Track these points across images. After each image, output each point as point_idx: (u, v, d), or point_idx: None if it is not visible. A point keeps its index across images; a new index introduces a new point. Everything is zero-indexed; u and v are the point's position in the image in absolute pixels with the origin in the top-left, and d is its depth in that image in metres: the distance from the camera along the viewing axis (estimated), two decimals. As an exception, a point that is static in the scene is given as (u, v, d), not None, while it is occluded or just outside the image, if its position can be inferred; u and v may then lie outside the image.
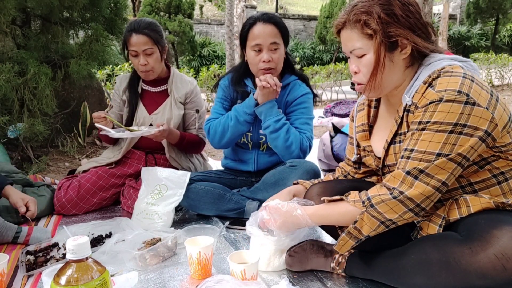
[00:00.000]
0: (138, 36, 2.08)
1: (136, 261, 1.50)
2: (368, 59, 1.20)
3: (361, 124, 1.43)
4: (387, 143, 1.29)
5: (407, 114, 1.22)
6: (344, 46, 1.26)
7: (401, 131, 1.25)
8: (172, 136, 2.16)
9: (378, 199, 1.15)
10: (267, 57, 1.88)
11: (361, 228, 1.19)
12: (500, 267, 0.99)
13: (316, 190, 1.44)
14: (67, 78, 3.10)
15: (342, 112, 5.15)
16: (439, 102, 1.10)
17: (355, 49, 1.21)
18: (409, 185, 1.12)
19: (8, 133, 2.79)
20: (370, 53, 1.19)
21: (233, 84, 2.05)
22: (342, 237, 1.23)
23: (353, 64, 1.25)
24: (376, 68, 1.19)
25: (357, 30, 1.19)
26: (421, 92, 1.17)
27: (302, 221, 1.29)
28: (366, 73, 1.22)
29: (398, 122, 1.25)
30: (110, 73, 6.05)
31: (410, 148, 1.15)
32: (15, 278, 1.47)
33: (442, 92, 1.10)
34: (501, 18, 14.66)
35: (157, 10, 11.88)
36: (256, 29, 1.89)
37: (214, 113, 2.08)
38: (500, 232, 1.02)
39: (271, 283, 1.38)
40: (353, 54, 1.23)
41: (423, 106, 1.13)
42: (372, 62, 1.19)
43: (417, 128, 1.14)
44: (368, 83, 1.23)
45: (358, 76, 1.25)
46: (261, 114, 1.90)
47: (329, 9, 13.84)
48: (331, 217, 1.28)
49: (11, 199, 1.83)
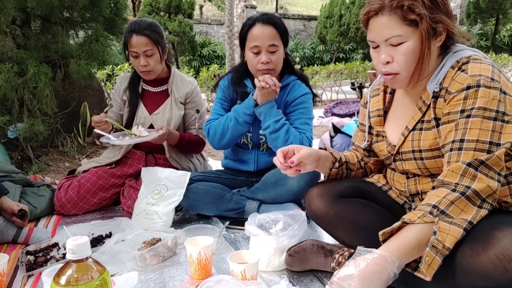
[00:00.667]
0: (138, 37, 2.08)
1: (136, 261, 1.50)
2: (408, 47, 1.14)
3: (376, 109, 1.41)
4: (407, 130, 1.26)
5: (435, 100, 1.19)
6: (377, 35, 1.17)
7: (425, 118, 1.22)
8: (172, 138, 2.16)
9: (447, 202, 1.04)
10: (265, 59, 1.88)
11: (445, 241, 1.02)
12: (501, 268, 0.98)
13: (316, 190, 1.44)
14: (67, 78, 3.10)
15: (342, 112, 5.15)
16: (478, 88, 1.07)
17: (392, 37, 1.14)
18: (471, 177, 1.05)
19: (8, 133, 2.79)
20: (410, 40, 1.13)
21: (232, 85, 2.05)
22: (427, 252, 1.03)
23: (385, 54, 1.17)
24: (422, 55, 1.14)
25: (397, 16, 1.12)
26: (450, 76, 1.14)
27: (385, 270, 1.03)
28: (403, 62, 1.15)
29: (423, 110, 1.22)
30: (110, 73, 6.05)
31: (459, 139, 1.09)
32: (15, 278, 1.47)
33: (477, 77, 1.08)
34: (501, 18, 14.67)
35: (157, 10, 11.88)
36: (255, 30, 1.88)
37: (214, 114, 2.07)
38: (502, 233, 1.01)
39: (271, 283, 1.38)
40: (388, 43, 1.16)
41: (458, 91, 1.10)
42: (413, 50, 1.13)
43: (460, 117, 1.09)
44: (406, 72, 1.17)
45: (391, 66, 1.18)
46: (261, 115, 1.90)
47: (329, 9, 13.84)
48: (410, 244, 1.05)
49: (5, 205, 1.75)
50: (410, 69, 1.17)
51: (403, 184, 1.36)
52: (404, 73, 1.18)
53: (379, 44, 1.19)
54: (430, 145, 1.21)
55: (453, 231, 1.02)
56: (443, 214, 1.04)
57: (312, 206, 1.43)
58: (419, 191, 1.30)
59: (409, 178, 1.34)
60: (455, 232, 1.02)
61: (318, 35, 14.39)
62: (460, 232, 1.02)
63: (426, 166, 1.23)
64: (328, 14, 13.82)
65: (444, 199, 1.05)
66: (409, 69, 1.17)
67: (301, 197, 1.87)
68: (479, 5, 14.39)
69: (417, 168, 1.26)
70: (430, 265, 1.03)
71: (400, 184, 1.38)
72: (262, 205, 1.97)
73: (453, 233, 1.02)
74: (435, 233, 1.03)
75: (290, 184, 1.88)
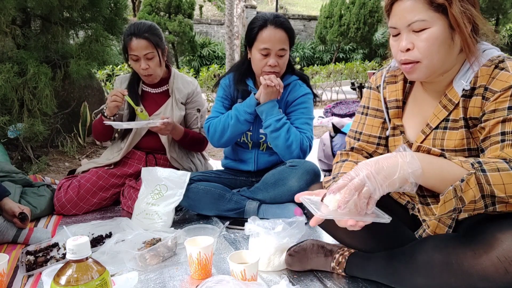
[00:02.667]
0: (138, 40, 2.08)
1: (136, 261, 1.49)
2: (432, 33, 1.08)
3: (394, 99, 1.31)
4: (429, 128, 1.21)
5: (465, 99, 1.14)
6: (399, 19, 1.11)
7: (450, 117, 1.17)
8: (176, 132, 2.17)
9: (493, 166, 0.97)
10: (273, 62, 1.88)
11: (465, 192, 0.97)
12: (502, 270, 0.98)
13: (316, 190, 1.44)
14: (67, 78, 3.10)
15: (342, 112, 5.15)
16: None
17: (416, 21, 1.08)
18: None
19: (8, 133, 2.79)
20: (434, 26, 1.08)
21: (235, 83, 2.05)
22: (448, 192, 0.99)
23: (406, 40, 1.11)
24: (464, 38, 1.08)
25: (423, 0, 1.07)
26: (486, 74, 1.10)
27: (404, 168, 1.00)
28: (425, 49, 1.09)
29: (449, 108, 1.17)
30: (110, 73, 6.05)
31: (510, 131, 1.04)
32: (15, 278, 1.46)
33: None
34: (501, 18, 14.65)
35: (157, 10, 11.88)
36: (266, 33, 1.87)
37: (214, 112, 2.08)
38: (504, 235, 1.00)
39: (271, 283, 1.38)
40: (410, 28, 1.10)
41: (504, 89, 1.06)
42: (437, 37, 1.08)
43: (509, 113, 1.05)
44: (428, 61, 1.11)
45: (411, 53, 1.12)
46: (262, 113, 1.90)
47: (329, 9, 13.83)
48: (439, 167, 1.01)
49: (6, 207, 1.75)
50: (432, 58, 1.11)
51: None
52: (425, 62, 1.11)
53: (401, 31, 1.13)
54: (455, 145, 1.16)
55: (476, 191, 0.97)
56: (483, 172, 0.97)
57: (312, 206, 1.43)
58: None
59: None
60: (477, 192, 0.97)
61: (318, 35, 14.39)
62: (479, 195, 0.96)
63: None
64: (328, 14, 13.82)
65: (493, 163, 0.98)
66: (431, 57, 1.11)
67: (301, 197, 1.86)
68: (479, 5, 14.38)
69: None
70: (445, 204, 1.00)
71: None
72: (262, 205, 1.97)
73: (475, 192, 0.97)
74: (462, 180, 0.97)
75: (290, 184, 1.88)
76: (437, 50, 1.10)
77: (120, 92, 2.06)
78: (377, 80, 1.38)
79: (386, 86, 1.34)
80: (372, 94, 1.39)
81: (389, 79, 1.34)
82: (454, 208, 0.99)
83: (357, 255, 1.36)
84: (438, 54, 1.10)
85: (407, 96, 1.32)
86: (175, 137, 2.22)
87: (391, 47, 1.19)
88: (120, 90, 2.08)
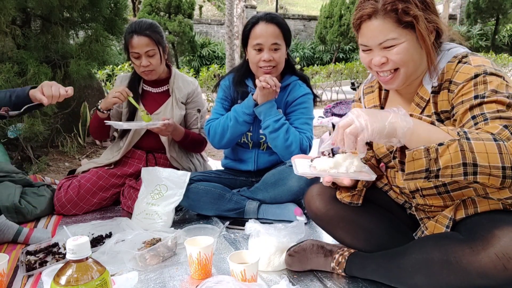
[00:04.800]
0: (139, 37, 2.08)
1: (136, 261, 1.50)
2: (402, 47, 1.14)
3: (372, 106, 1.40)
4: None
5: (435, 95, 1.20)
6: (370, 39, 1.17)
7: (424, 113, 1.23)
8: (177, 133, 2.17)
9: (477, 136, 0.97)
10: (267, 57, 1.89)
11: (441, 156, 0.96)
12: (501, 266, 0.99)
13: (316, 190, 1.44)
14: (67, 78, 3.10)
15: (342, 112, 5.14)
16: (485, 74, 1.09)
17: (387, 40, 1.14)
18: (506, 138, 0.97)
19: (8, 133, 2.79)
20: (404, 41, 1.14)
21: (234, 84, 2.05)
22: (418, 149, 0.98)
23: (378, 56, 1.18)
24: (428, 52, 1.16)
25: (392, 20, 1.13)
26: (450, 69, 1.16)
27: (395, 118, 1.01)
28: (399, 60, 1.15)
29: (421, 105, 1.23)
30: (110, 73, 6.05)
31: (480, 113, 1.06)
32: (15, 278, 1.46)
33: (482, 66, 1.10)
34: (501, 18, 14.66)
35: (157, 10, 11.88)
36: (258, 28, 1.90)
37: (214, 114, 2.08)
38: (502, 232, 1.01)
39: (271, 283, 1.38)
40: (382, 46, 1.16)
41: (466, 80, 1.11)
42: (407, 50, 1.14)
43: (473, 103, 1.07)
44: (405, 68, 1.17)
45: (386, 66, 1.18)
46: (261, 114, 1.90)
47: (329, 9, 13.83)
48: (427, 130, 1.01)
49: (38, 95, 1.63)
50: (408, 66, 1.17)
51: (402, 181, 1.36)
52: (402, 69, 1.18)
53: (372, 48, 1.19)
54: None
55: (454, 157, 0.95)
56: (467, 140, 0.96)
57: (312, 206, 1.43)
58: (419, 187, 1.30)
59: None
60: (456, 159, 0.95)
61: (318, 35, 14.39)
62: (458, 161, 0.95)
63: None
64: (328, 14, 13.82)
65: (477, 134, 0.98)
66: (407, 65, 1.17)
67: (301, 197, 1.87)
68: (479, 5, 14.38)
69: None
70: (413, 162, 0.99)
71: (400, 181, 1.38)
72: (262, 205, 1.97)
73: (454, 158, 0.95)
74: (441, 144, 0.97)
75: (290, 184, 1.88)
76: (410, 58, 1.16)
77: (126, 92, 2.07)
78: (359, 93, 1.49)
79: (365, 96, 1.44)
80: (356, 105, 1.49)
81: (367, 90, 1.44)
82: (426, 169, 0.98)
83: (357, 255, 1.36)
84: (412, 62, 1.17)
85: (385, 102, 1.39)
86: (176, 138, 2.22)
87: (362, 60, 1.25)
88: (126, 90, 2.08)
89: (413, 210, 1.37)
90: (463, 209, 1.19)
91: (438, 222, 1.23)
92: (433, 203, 1.29)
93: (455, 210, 1.20)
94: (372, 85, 1.43)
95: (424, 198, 1.31)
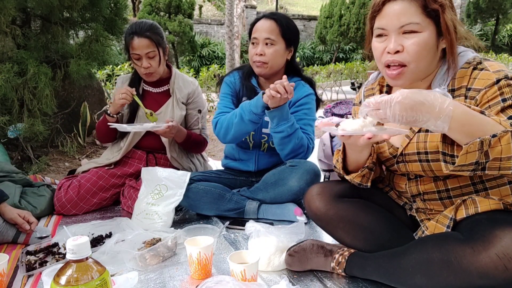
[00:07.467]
0: (140, 39, 2.08)
1: (136, 261, 1.49)
2: (423, 38, 1.10)
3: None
4: (413, 132, 1.24)
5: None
6: (391, 21, 1.12)
7: None
8: (180, 134, 2.17)
9: None
10: (259, 50, 1.91)
11: (493, 148, 0.94)
12: (501, 267, 0.98)
13: (316, 190, 1.44)
14: (67, 78, 3.10)
15: (342, 112, 5.13)
16: (507, 79, 1.08)
17: (410, 24, 1.09)
18: None
19: (8, 133, 2.79)
20: (425, 32, 1.10)
21: (243, 78, 2.06)
22: (473, 142, 0.94)
23: (395, 42, 1.12)
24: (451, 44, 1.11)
25: (418, 3, 1.09)
26: (465, 75, 1.14)
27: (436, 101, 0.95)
28: (415, 53, 1.11)
29: None
30: (110, 73, 6.05)
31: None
32: (15, 278, 1.46)
33: (501, 72, 1.10)
34: (501, 18, 14.66)
35: (157, 10, 11.89)
36: (257, 24, 1.95)
37: (223, 108, 2.04)
38: (503, 232, 1.01)
39: (271, 283, 1.38)
40: (402, 30, 1.11)
41: (488, 86, 1.09)
42: (426, 43, 1.11)
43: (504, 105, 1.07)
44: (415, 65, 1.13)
45: (401, 55, 1.13)
46: (274, 118, 1.82)
47: (329, 9, 13.84)
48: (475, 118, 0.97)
49: (6, 216, 1.71)
50: (420, 63, 1.13)
51: (403, 185, 1.36)
52: (412, 65, 1.14)
53: (389, 33, 1.14)
54: (437, 146, 1.18)
55: (505, 150, 0.93)
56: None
57: (312, 206, 1.43)
58: (421, 191, 1.30)
59: (411, 179, 1.33)
60: (507, 151, 0.93)
61: (318, 35, 14.39)
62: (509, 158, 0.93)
63: (432, 168, 1.22)
64: (328, 14, 13.83)
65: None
66: (419, 62, 1.13)
67: (301, 197, 1.86)
68: (479, 5, 14.39)
69: (421, 170, 1.26)
70: (467, 154, 0.95)
71: (400, 186, 1.37)
72: (262, 205, 1.97)
73: (505, 151, 0.93)
74: (494, 136, 0.94)
75: (290, 184, 1.88)
76: (425, 55, 1.13)
77: (130, 91, 2.07)
78: (359, 96, 1.48)
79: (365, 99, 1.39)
80: (357, 109, 1.48)
81: (368, 93, 1.43)
82: (476, 161, 0.96)
83: (357, 255, 1.36)
84: (425, 59, 1.14)
85: None
86: (178, 140, 2.23)
87: (375, 49, 1.20)
88: (129, 89, 2.09)
89: (413, 212, 1.37)
90: (464, 209, 1.19)
91: (439, 222, 1.23)
92: (434, 207, 1.29)
93: (456, 210, 1.20)
94: (373, 88, 1.41)
95: (424, 203, 1.31)
